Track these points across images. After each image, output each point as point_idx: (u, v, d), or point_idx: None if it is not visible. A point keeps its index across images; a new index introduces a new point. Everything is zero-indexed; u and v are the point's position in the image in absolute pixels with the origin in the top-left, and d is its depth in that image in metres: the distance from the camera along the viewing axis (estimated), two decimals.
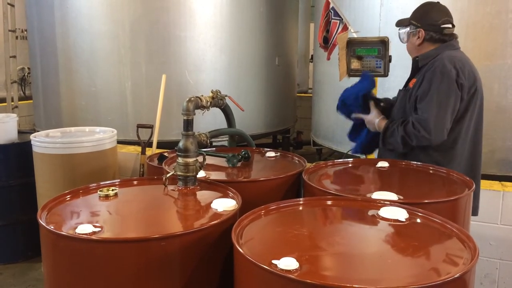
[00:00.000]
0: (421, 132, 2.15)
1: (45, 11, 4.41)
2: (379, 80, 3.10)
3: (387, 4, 3.44)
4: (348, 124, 2.61)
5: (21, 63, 6.83)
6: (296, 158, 2.40)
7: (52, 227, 1.47)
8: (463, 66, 2.22)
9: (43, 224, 1.48)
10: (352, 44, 2.92)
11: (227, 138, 3.01)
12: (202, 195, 1.84)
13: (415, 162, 2.24)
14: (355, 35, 3.02)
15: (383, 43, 2.85)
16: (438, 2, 2.41)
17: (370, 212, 1.63)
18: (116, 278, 1.40)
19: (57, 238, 1.44)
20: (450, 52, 2.29)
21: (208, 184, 1.92)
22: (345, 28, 3.02)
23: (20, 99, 6.43)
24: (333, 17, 3.06)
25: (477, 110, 2.31)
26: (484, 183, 2.73)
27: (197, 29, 4.21)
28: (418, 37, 2.35)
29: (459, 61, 2.24)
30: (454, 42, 2.37)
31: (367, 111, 2.46)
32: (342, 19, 3.03)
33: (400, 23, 2.47)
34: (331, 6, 3.07)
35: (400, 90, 2.58)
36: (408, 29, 2.40)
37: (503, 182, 2.77)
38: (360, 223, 1.61)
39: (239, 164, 2.27)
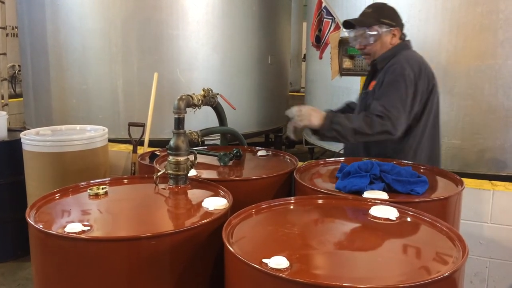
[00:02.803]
0: (386, 123, 2.09)
1: (36, 9, 4.37)
2: None
3: None
4: None
5: (12, 61, 6.79)
6: (288, 157, 2.40)
7: (41, 226, 1.46)
8: (420, 66, 2.25)
9: (32, 223, 1.46)
10: (344, 43, 2.94)
11: (219, 137, 3.00)
12: (193, 193, 1.83)
13: (405, 161, 2.24)
14: (347, 34, 3.03)
15: None
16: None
17: (361, 211, 1.63)
18: (106, 277, 1.39)
19: (46, 237, 1.42)
20: (406, 53, 2.31)
21: (199, 183, 1.91)
22: (338, 27, 3.02)
23: (11, 97, 6.39)
24: (325, 16, 3.07)
25: (435, 107, 2.34)
26: (474, 182, 2.75)
27: (189, 28, 4.19)
28: (394, 36, 2.34)
29: (416, 62, 2.26)
30: (408, 42, 2.39)
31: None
32: (334, 18, 3.04)
33: (363, 23, 2.35)
34: (323, 5, 3.07)
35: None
36: (377, 28, 2.32)
37: (493, 181, 2.79)
38: (351, 222, 1.61)
39: (230, 163, 2.26)
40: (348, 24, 2.39)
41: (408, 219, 1.58)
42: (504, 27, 3.02)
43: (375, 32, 2.32)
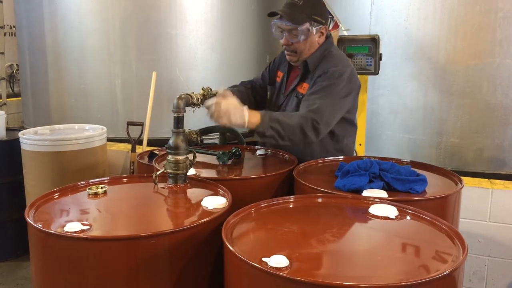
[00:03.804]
0: (318, 123, 2.04)
1: (34, 8, 4.35)
2: (369, 79, 3.12)
3: (377, 2, 3.45)
4: None
5: (10, 60, 6.77)
6: (287, 156, 2.39)
7: (40, 225, 1.45)
8: (351, 66, 2.23)
9: (31, 222, 1.46)
10: (342, 42, 2.94)
11: (218, 136, 3.00)
12: (192, 192, 1.83)
13: (405, 159, 2.25)
14: (345, 33, 3.03)
15: (374, 41, 2.87)
16: None
17: (360, 210, 1.63)
18: (106, 277, 1.39)
19: (45, 237, 1.42)
20: (335, 52, 2.26)
21: (198, 182, 1.91)
22: (336, 26, 3.02)
23: (9, 96, 6.38)
24: None
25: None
26: (473, 181, 2.75)
27: (188, 27, 4.18)
28: (322, 34, 2.23)
29: (347, 62, 2.23)
30: (331, 39, 2.32)
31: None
32: (332, 17, 3.03)
33: (295, 19, 2.15)
34: None
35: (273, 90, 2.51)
36: (308, 25, 2.15)
37: (491, 180, 2.80)
38: (351, 221, 1.61)
39: (229, 162, 2.26)
40: (274, 13, 2.20)
41: (408, 217, 1.58)
42: (503, 25, 3.02)
43: (306, 30, 2.16)
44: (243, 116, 1.98)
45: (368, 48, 2.87)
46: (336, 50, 2.30)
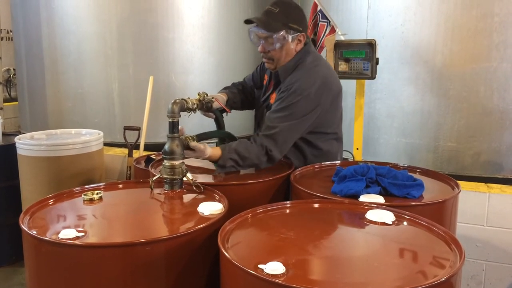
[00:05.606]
0: (271, 150, 2.08)
1: (31, 12, 4.35)
2: (366, 83, 3.12)
3: (374, 6, 3.45)
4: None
5: (7, 64, 6.76)
6: (284, 161, 2.38)
7: (34, 232, 1.44)
8: (322, 79, 2.14)
9: (25, 229, 1.45)
10: (339, 47, 2.94)
11: (216, 141, 2.99)
12: (189, 198, 1.82)
13: (401, 164, 2.24)
14: (342, 38, 3.03)
15: (371, 45, 2.87)
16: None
17: (357, 215, 1.63)
18: (101, 284, 1.38)
19: (40, 243, 1.41)
20: (309, 62, 2.19)
21: (194, 187, 1.90)
22: (333, 30, 3.03)
23: (6, 100, 6.37)
24: (320, 20, 3.07)
25: (341, 110, 2.33)
26: (470, 185, 2.75)
27: (185, 31, 4.18)
28: (299, 42, 2.19)
29: (318, 75, 2.15)
30: (309, 47, 2.26)
31: None
32: (329, 22, 3.04)
33: (271, 28, 2.12)
34: (318, 8, 3.08)
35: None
36: (284, 33, 2.12)
37: (488, 184, 2.80)
38: (347, 226, 1.61)
39: None
40: (250, 21, 2.17)
41: (405, 223, 1.57)
42: (499, 30, 3.03)
43: (281, 38, 2.13)
44: (205, 153, 2.03)
45: (365, 53, 2.87)
46: (312, 59, 2.22)
